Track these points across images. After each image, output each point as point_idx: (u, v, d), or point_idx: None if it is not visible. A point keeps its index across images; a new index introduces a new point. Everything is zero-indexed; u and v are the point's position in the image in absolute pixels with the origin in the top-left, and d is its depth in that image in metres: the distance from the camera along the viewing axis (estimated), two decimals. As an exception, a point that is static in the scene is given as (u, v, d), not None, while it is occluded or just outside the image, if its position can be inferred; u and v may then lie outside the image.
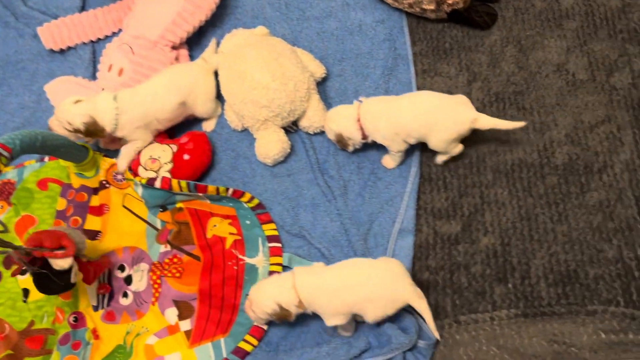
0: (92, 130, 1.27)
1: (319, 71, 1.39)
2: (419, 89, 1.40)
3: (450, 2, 1.39)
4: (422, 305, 1.11)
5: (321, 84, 1.42)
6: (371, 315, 1.10)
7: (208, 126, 1.41)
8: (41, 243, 1.02)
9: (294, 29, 1.50)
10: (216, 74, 1.39)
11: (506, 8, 1.48)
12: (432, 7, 1.41)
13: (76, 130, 1.27)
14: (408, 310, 1.16)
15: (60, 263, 1.04)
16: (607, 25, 1.42)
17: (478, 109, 1.36)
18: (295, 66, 1.31)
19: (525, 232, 1.25)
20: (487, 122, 1.22)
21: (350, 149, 1.30)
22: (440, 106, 1.22)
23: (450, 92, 1.39)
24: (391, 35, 1.47)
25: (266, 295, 1.11)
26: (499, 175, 1.31)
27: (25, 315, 1.23)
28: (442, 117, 1.21)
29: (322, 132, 1.38)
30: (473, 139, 1.34)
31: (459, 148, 1.27)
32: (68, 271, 1.07)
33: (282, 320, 1.14)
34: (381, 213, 1.29)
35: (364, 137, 1.26)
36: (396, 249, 1.25)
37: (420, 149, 1.33)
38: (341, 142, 1.28)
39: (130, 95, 1.30)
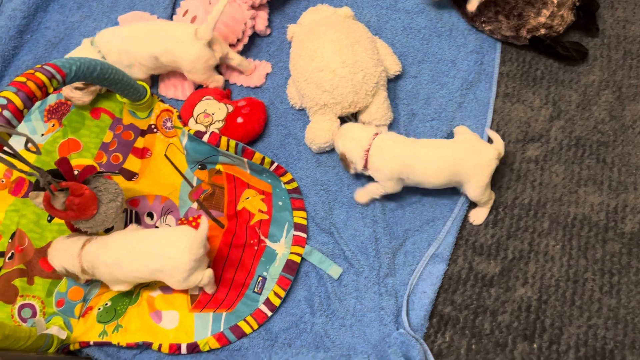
0: None
1: (394, 68, 1.30)
2: (495, 112, 1.30)
3: (529, 27, 1.26)
4: None
5: (393, 82, 1.34)
6: (173, 283, 1.11)
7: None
8: (79, 194, 1.04)
9: (381, 18, 1.42)
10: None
11: (615, 49, 1.33)
12: (511, 33, 1.29)
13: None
14: (417, 339, 1.09)
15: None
16: None
17: (554, 149, 1.26)
18: (370, 57, 1.23)
19: (568, 295, 1.14)
20: (502, 147, 1.17)
21: (352, 172, 1.21)
22: (462, 160, 1.13)
23: (528, 124, 1.29)
24: (481, 48, 1.36)
25: (55, 257, 1.13)
26: (556, 227, 1.19)
27: (46, 235, 1.25)
28: (465, 164, 1.13)
29: (381, 132, 1.30)
30: (539, 181, 1.23)
31: (492, 200, 1.20)
32: None
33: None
34: (418, 232, 1.21)
35: (365, 168, 1.18)
36: (424, 274, 1.17)
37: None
38: (344, 162, 1.20)
39: (111, 34, 1.30)
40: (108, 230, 1.19)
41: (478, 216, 1.20)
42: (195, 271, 1.11)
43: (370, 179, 1.21)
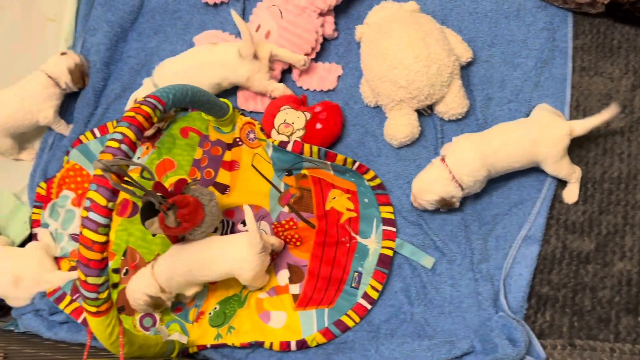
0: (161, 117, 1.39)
1: (466, 55, 1.31)
2: (574, 88, 1.28)
3: None
4: None
5: (465, 69, 1.34)
6: (244, 278, 1.20)
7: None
8: (185, 204, 1.12)
9: (445, 6, 1.42)
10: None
11: (698, 6, 1.28)
12: (586, 0, 1.26)
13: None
14: (518, 321, 1.11)
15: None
16: None
17: (639, 119, 1.23)
18: (442, 48, 1.25)
19: (670, 266, 1.12)
20: (584, 126, 1.15)
21: (457, 204, 1.21)
22: (535, 139, 1.14)
23: (609, 96, 1.27)
24: (552, 24, 1.34)
25: (136, 290, 1.21)
26: (651, 197, 1.18)
27: (153, 249, 1.35)
28: (540, 148, 1.15)
29: (457, 120, 1.32)
30: (626, 152, 1.22)
31: (577, 173, 1.19)
32: None
33: (159, 308, 1.23)
34: (508, 215, 1.23)
35: (463, 189, 1.18)
36: (518, 256, 1.19)
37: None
38: (446, 204, 1.20)
39: (168, 72, 1.39)
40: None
41: (570, 195, 1.20)
42: (261, 267, 1.20)
43: None
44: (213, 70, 1.37)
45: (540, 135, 1.14)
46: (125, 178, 0.94)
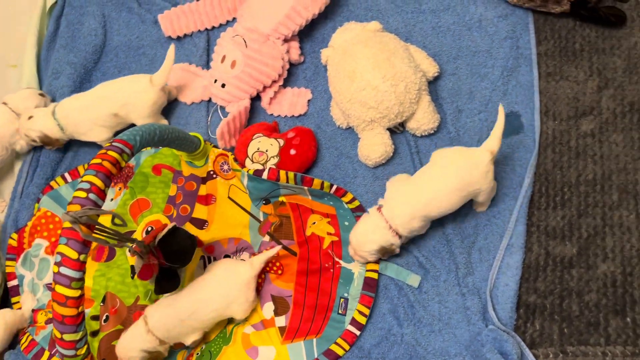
0: (47, 142, 1.42)
1: (432, 70, 1.32)
2: (541, 93, 1.29)
3: None
4: None
5: (432, 83, 1.35)
6: (237, 314, 1.20)
7: None
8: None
9: (408, 23, 1.43)
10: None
11: (653, 5, 1.31)
12: None
13: (34, 141, 1.42)
14: (509, 332, 1.10)
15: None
16: None
17: (608, 120, 1.25)
18: (408, 66, 1.25)
19: (653, 263, 1.13)
20: (496, 143, 1.11)
21: (397, 251, 1.18)
22: (464, 177, 1.10)
23: (577, 100, 1.28)
24: (514, 32, 1.35)
25: (131, 348, 1.15)
26: (627, 197, 1.18)
27: (133, 291, 1.32)
28: (471, 181, 1.11)
29: (430, 135, 1.32)
30: (599, 154, 1.22)
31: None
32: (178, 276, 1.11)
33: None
34: (488, 226, 1.23)
35: (401, 237, 1.15)
36: (502, 266, 1.18)
37: (537, 160, 1.23)
38: (387, 253, 1.17)
39: (69, 106, 1.41)
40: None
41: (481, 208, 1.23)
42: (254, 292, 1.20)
43: None
44: (115, 97, 1.38)
45: (471, 176, 1.10)
46: (97, 228, 0.91)
